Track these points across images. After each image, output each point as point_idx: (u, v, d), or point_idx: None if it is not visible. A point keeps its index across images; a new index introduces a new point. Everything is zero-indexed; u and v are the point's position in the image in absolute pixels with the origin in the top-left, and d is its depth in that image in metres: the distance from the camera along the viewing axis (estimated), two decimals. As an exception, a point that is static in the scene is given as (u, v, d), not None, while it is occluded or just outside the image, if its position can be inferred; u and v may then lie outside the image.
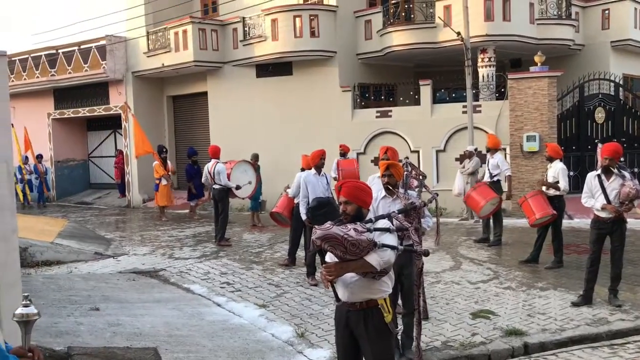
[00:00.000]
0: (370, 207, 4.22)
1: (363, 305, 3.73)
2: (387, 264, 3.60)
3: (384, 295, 3.75)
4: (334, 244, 3.48)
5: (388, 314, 3.74)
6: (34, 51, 20.58)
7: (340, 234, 3.47)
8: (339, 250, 3.50)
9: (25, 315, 2.29)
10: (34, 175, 20.27)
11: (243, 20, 16.69)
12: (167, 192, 15.46)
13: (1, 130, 4.56)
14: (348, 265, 3.59)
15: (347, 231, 3.50)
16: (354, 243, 3.47)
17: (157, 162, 15.50)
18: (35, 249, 9.85)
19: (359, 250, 3.50)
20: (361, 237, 3.49)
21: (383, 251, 3.55)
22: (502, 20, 14.24)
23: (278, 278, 8.60)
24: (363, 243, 3.49)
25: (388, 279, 3.78)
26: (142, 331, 6.08)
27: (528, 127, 13.74)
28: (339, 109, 15.65)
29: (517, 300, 7.15)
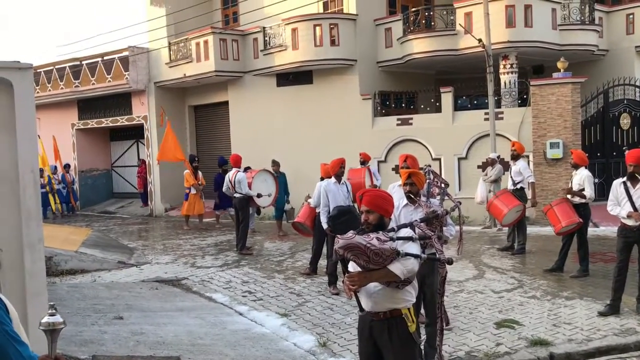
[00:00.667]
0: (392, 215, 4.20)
1: (387, 315, 3.70)
2: (411, 273, 3.57)
3: (407, 304, 3.72)
4: (357, 253, 3.46)
5: (412, 324, 3.70)
6: (58, 63, 20.97)
7: (363, 243, 3.45)
8: (362, 260, 3.48)
9: (51, 324, 2.30)
10: (62, 184, 20.40)
11: (263, 30, 16.80)
12: (195, 202, 15.34)
13: (28, 141, 4.63)
14: (371, 275, 3.57)
15: (369, 240, 3.49)
16: (377, 252, 3.45)
17: (188, 170, 15.38)
18: (59, 258, 9.97)
19: (382, 259, 3.48)
20: (384, 246, 3.47)
21: (406, 260, 3.53)
22: (524, 27, 14.13)
23: (299, 287, 8.59)
24: (386, 252, 3.47)
25: (412, 288, 3.75)
26: (165, 340, 6.11)
27: (551, 133, 13.57)
28: (359, 117, 15.64)
29: (542, 310, 7.04)
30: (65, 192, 20.40)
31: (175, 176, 19.38)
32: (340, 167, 8.57)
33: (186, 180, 15.40)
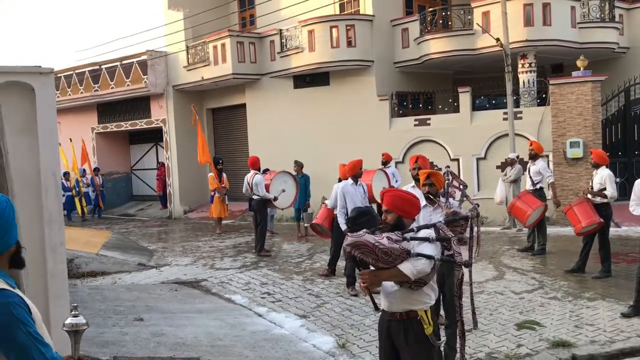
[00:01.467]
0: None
1: (403, 316, 3.70)
2: (422, 274, 3.54)
3: (424, 307, 3.69)
4: (365, 251, 3.48)
5: (428, 326, 3.67)
6: (78, 67, 21.22)
7: (371, 242, 3.47)
8: (371, 258, 3.50)
9: (74, 325, 2.33)
10: (91, 188, 20.51)
11: (280, 32, 16.85)
12: (219, 204, 15.10)
13: (49, 145, 4.69)
14: (382, 274, 3.59)
15: (379, 239, 3.50)
16: (386, 251, 3.46)
17: (212, 173, 15.09)
18: (81, 260, 10.09)
19: (391, 258, 3.49)
20: (394, 246, 3.47)
21: (417, 260, 3.51)
22: (543, 25, 13.99)
23: (318, 288, 8.59)
24: (395, 251, 3.47)
25: (430, 290, 3.72)
26: (185, 341, 6.15)
27: (571, 133, 13.42)
28: (376, 118, 15.61)
29: (564, 311, 6.96)
30: (94, 196, 20.51)
31: (194, 179, 19.54)
32: (359, 169, 8.58)
33: (210, 183, 15.18)
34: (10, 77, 4.49)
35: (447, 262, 3.64)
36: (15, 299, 2.06)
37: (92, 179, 20.50)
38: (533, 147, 10.58)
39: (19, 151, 4.37)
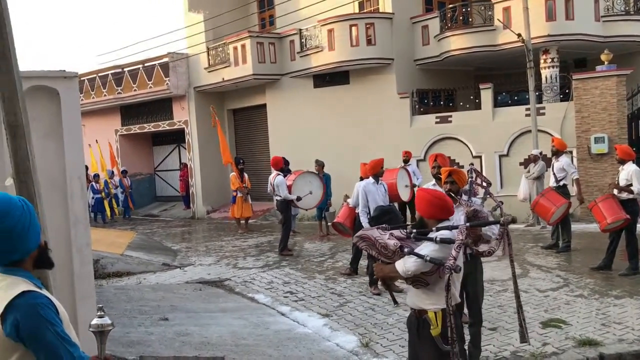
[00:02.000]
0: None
1: (416, 313, 3.82)
2: (411, 272, 3.60)
3: (434, 308, 3.71)
4: (369, 244, 3.69)
5: (435, 327, 3.69)
6: (101, 70, 21.51)
7: (374, 236, 3.65)
8: (374, 251, 3.71)
9: (100, 325, 2.37)
10: (120, 189, 20.56)
11: (300, 32, 16.88)
12: (241, 204, 15.16)
13: (74, 148, 4.76)
14: (386, 268, 3.75)
15: (382, 234, 3.67)
16: (384, 245, 3.64)
17: (234, 173, 15.18)
18: (106, 261, 10.23)
19: (390, 253, 3.65)
20: (389, 241, 3.56)
21: (408, 258, 3.60)
22: (565, 20, 13.82)
23: (340, 287, 8.59)
24: (390, 247, 3.62)
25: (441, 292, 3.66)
26: (209, 340, 6.20)
27: (596, 128, 13.22)
28: (397, 116, 15.56)
29: (590, 309, 6.87)
30: (122, 197, 20.59)
31: (217, 179, 19.68)
32: (381, 168, 8.57)
33: (232, 183, 15.29)
34: (35, 82, 4.58)
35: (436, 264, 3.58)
36: (42, 300, 2.10)
37: (121, 181, 20.63)
38: (555, 143, 10.46)
39: (45, 154, 4.45)
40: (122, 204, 20.58)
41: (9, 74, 3.58)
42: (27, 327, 2.02)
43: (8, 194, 2.30)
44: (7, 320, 2.03)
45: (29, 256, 2.20)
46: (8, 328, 2.03)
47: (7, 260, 2.16)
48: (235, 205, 15.18)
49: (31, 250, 2.20)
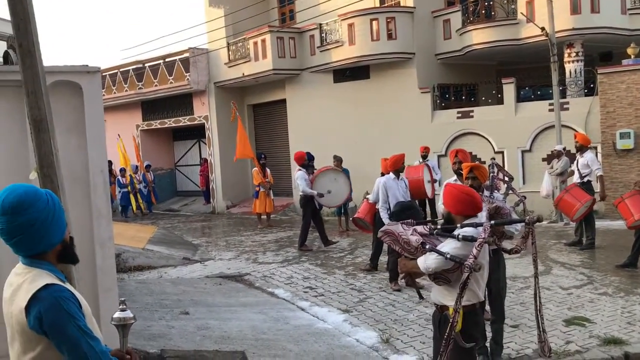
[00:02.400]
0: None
1: (439, 309, 3.83)
2: (431, 269, 3.60)
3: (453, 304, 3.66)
4: (393, 239, 3.71)
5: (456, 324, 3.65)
6: (123, 66, 21.68)
7: (398, 231, 3.67)
8: (397, 247, 3.73)
9: (122, 319, 2.38)
10: (143, 184, 20.57)
11: (320, 27, 16.82)
12: (264, 199, 15.15)
13: (97, 142, 4.80)
14: (409, 263, 3.77)
15: (406, 230, 3.68)
16: (407, 241, 3.65)
17: (257, 168, 15.19)
18: (128, 255, 10.33)
19: (412, 249, 3.66)
20: (412, 237, 3.61)
21: (430, 255, 3.60)
22: (590, 13, 13.58)
23: (360, 283, 8.56)
24: (413, 243, 3.63)
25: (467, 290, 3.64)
26: (229, 335, 6.22)
27: (621, 123, 12.99)
28: (418, 111, 15.44)
29: (615, 307, 6.75)
30: (146, 192, 20.65)
31: (236, 174, 19.76)
32: (402, 164, 8.51)
33: (254, 178, 15.27)
34: (58, 77, 4.61)
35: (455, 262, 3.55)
36: (65, 294, 2.11)
37: (144, 176, 20.69)
38: (578, 139, 10.30)
39: (68, 149, 4.49)
40: (145, 199, 20.69)
41: (33, 69, 3.61)
42: (49, 320, 2.04)
43: (35, 186, 2.32)
44: (31, 312, 2.05)
45: (52, 250, 2.22)
46: (32, 320, 2.05)
47: (30, 251, 2.18)
48: (258, 200, 15.17)
49: (54, 244, 2.21)
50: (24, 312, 2.06)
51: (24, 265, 2.19)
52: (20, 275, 2.16)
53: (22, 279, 2.14)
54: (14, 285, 2.15)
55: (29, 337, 2.08)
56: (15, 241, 2.14)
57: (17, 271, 2.20)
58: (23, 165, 4.38)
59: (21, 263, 2.21)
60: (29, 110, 3.66)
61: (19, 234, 2.13)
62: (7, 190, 2.18)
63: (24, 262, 2.20)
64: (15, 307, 2.10)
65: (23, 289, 2.11)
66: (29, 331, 2.07)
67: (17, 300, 2.10)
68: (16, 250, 2.18)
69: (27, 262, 2.19)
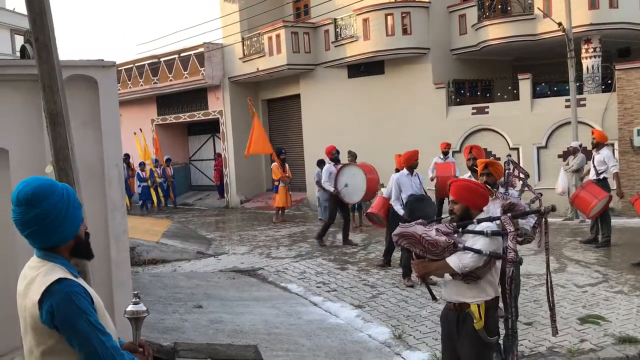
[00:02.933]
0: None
1: (457, 307, 3.73)
2: (469, 268, 3.52)
3: (477, 300, 3.66)
4: (412, 242, 3.54)
5: (479, 321, 3.64)
6: (138, 61, 21.79)
7: (419, 233, 3.51)
8: (418, 249, 3.56)
9: (135, 312, 2.39)
10: (163, 178, 20.40)
11: (334, 22, 16.78)
12: (285, 194, 15.16)
13: (112, 136, 4.83)
14: (431, 265, 3.63)
15: (427, 230, 3.52)
16: (432, 243, 3.49)
17: (276, 163, 15.15)
18: (142, 248, 10.40)
19: (439, 250, 3.51)
20: (440, 238, 3.49)
21: (464, 254, 3.51)
22: (609, 8, 13.41)
23: (373, 279, 8.56)
24: (442, 244, 3.49)
25: (487, 285, 3.67)
26: (242, 329, 6.25)
27: (639, 120, 12.82)
28: (432, 107, 15.37)
29: (631, 306, 6.68)
30: (165, 186, 20.49)
31: (250, 169, 19.81)
32: (415, 160, 8.47)
33: (274, 173, 15.20)
34: (74, 71, 4.65)
35: (497, 258, 3.57)
36: (77, 289, 2.12)
37: (164, 170, 20.51)
38: (595, 135, 10.18)
39: (83, 142, 4.52)
40: (165, 193, 20.57)
41: (49, 63, 3.64)
42: (61, 315, 2.05)
43: (53, 179, 2.34)
44: (43, 306, 2.07)
45: (65, 244, 2.23)
46: (44, 314, 2.06)
47: (43, 244, 2.19)
48: (278, 195, 15.14)
49: (67, 239, 2.22)
50: (37, 306, 2.07)
51: (38, 258, 2.21)
52: (34, 268, 2.18)
53: (36, 272, 2.16)
54: (28, 279, 2.17)
55: (41, 330, 2.10)
56: (29, 233, 2.16)
57: (31, 264, 2.22)
58: (39, 159, 4.43)
59: (35, 256, 2.22)
60: (45, 104, 3.69)
61: (33, 225, 2.15)
62: (24, 182, 2.21)
63: (38, 254, 2.22)
64: (29, 300, 2.11)
65: (37, 282, 2.12)
66: (41, 325, 2.08)
67: (31, 294, 2.12)
68: (30, 242, 2.21)
69: (41, 255, 2.21)
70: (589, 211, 9.37)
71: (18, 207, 2.16)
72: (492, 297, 3.73)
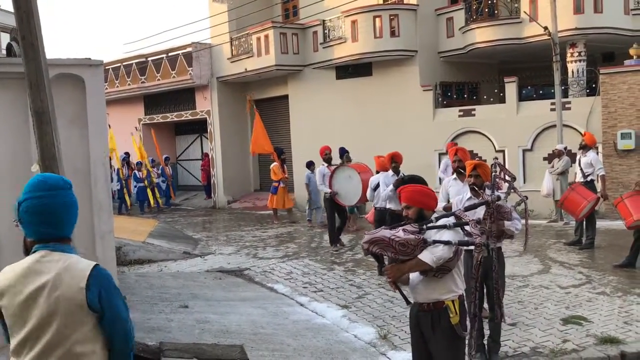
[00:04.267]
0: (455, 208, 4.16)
1: (430, 307, 3.78)
2: (442, 260, 3.61)
3: (451, 296, 3.76)
4: (383, 246, 3.56)
5: (455, 316, 3.73)
6: (126, 60, 21.67)
7: (387, 236, 3.55)
8: (390, 252, 3.59)
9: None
10: (162, 178, 19.99)
11: (323, 23, 16.82)
12: (284, 195, 14.92)
13: (98, 135, 4.82)
14: (404, 266, 3.68)
15: (395, 232, 3.59)
16: (403, 243, 3.55)
17: (276, 163, 14.82)
18: (128, 248, 10.35)
19: (409, 249, 3.58)
20: (409, 237, 3.58)
21: (435, 247, 3.60)
22: (593, 13, 13.56)
23: (359, 279, 8.59)
24: (412, 242, 3.56)
25: (457, 277, 3.80)
26: (228, 329, 6.25)
27: (623, 124, 12.99)
28: (420, 109, 15.45)
29: (612, 307, 6.77)
30: (164, 186, 20.07)
31: (238, 169, 19.79)
32: (400, 159, 8.59)
33: (274, 173, 14.82)
34: (62, 70, 4.64)
35: (464, 245, 3.68)
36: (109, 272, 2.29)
37: (163, 169, 20.12)
38: (585, 138, 10.29)
39: (69, 141, 4.51)
40: (165, 193, 20.14)
41: (36, 62, 3.63)
42: (107, 296, 2.21)
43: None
44: (91, 289, 2.18)
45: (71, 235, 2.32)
46: (93, 297, 2.17)
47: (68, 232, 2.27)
48: (277, 196, 14.85)
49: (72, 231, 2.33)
50: (84, 290, 2.16)
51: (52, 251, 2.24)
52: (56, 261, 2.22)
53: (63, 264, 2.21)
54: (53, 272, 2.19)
55: (80, 317, 2.18)
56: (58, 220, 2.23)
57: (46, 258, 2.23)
58: (26, 156, 4.42)
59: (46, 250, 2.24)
60: (31, 103, 3.69)
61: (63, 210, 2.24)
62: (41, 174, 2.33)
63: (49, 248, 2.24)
64: (66, 289, 2.16)
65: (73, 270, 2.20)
66: (84, 310, 2.17)
67: (68, 282, 2.17)
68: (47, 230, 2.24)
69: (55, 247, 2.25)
70: (578, 213, 9.47)
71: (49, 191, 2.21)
72: (461, 292, 3.82)
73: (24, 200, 2.22)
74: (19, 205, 2.24)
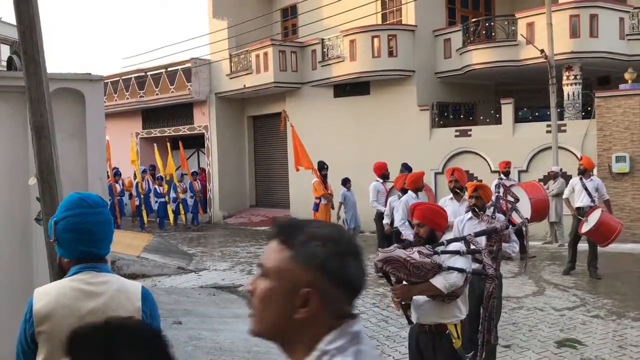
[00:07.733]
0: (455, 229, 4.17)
1: (432, 329, 3.76)
2: (454, 287, 3.59)
3: (454, 320, 3.74)
4: (397, 266, 3.51)
5: (457, 340, 3.72)
6: (125, 74, 21.74)
7: (402, 257, 3.50)
8: (402, 273, 3.53)
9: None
10: (190, 194, 18.82)
11: (322, 42, 16.95)
12: (326, 213, 13.23)
13: (97, 149, 4.83)
14: (414, 288, 3.64)
15: (410, 254, 3.53)
16: (417, 265, 3.49)
17: (317, 179, 13.30)
18: (122, 262, 10.32)
19: (423, 272, 3.53)
20: (425, 260, 3.53)
21: (449, 274, 3.57)
22: (589, 37, 13.71)
23: (354, 298, 8.55)
24: (427, 265, 3.51)
25: (462, 304, 3.76)
26: (221, 346, 6.22)
27: (617, 147, 13.08)
28: (416, 129, 15.52)
29: (607, 330, 6.77)
30: (192, 202, 18.75)
31: (234, 185, 19.78)
32: (421, 182, 8.30)
33: (315, 189, 13.25)
34: (62, 84, 4.66)
35: (478, 275, 3.68)
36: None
37: (191, 184, 18.92)
38: (583, 162, 10.13)
39: (68, 155, 4.52)
40: (192, 210, 18.86)
41: (37, 76, 3.65)
42: (155, 314, 2.25)
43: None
44: (144, 310, 2.20)
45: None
46: (147, 318, 2.18)
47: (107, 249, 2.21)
48: (319, 213, 13.11)
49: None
50: (140, 310, 2.17)
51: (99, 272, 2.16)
52: (107, 282, 2.15)
53: (115, 285, 2.17)
54: (108, 293, 2.13)
55: None
56: (99, 238, 2.16)
57: (96, 279, 2.14)
58: (24, 170, 4.42)
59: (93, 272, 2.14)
60: (31, 117, 3.69)
61: (103, 229, 2.18)
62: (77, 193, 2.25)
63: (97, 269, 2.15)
64: (122, 311, 2.07)
65: (127, 292, 2.19)
66: None
67: (124, 304, 2.14)
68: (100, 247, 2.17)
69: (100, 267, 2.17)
70: (614, 237, 8.54)
71: (96, 208, 2.16)
72: (464, 317, 3.81)
73: (63, 219, 2.11)
74: (55, 224, 2.12)
